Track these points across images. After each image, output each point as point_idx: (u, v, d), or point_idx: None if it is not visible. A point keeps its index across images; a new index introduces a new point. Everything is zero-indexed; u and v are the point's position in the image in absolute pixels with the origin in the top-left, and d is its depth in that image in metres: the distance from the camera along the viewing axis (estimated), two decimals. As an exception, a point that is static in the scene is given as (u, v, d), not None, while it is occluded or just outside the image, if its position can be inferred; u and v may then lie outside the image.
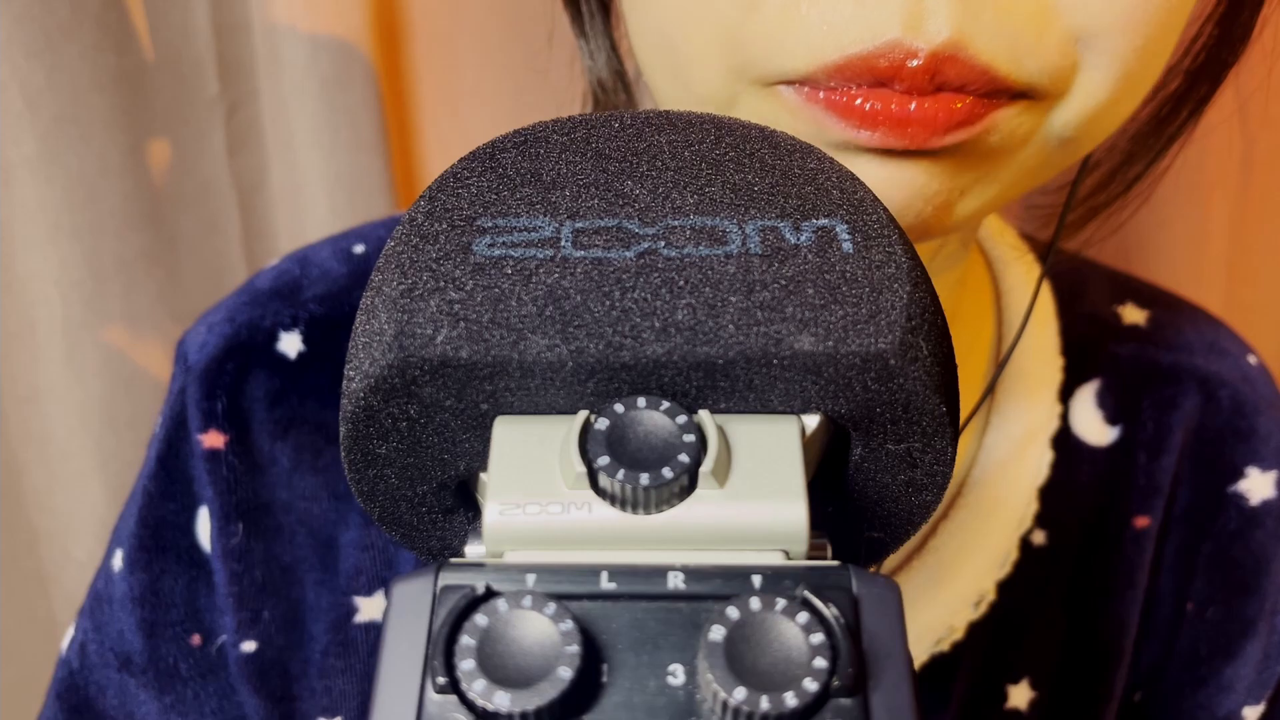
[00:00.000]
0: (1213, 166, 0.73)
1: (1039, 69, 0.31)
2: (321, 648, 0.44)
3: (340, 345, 0.44)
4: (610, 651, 0.21)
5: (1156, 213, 0.75)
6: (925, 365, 0.24)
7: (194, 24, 0.69)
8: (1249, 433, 0.49)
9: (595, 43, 0.45)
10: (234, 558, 0.43)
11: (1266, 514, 0.49)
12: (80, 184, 0.68)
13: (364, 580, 0.44)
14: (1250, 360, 0.52)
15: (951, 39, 0.29)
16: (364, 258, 0.47)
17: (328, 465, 0.44)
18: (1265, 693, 0.50)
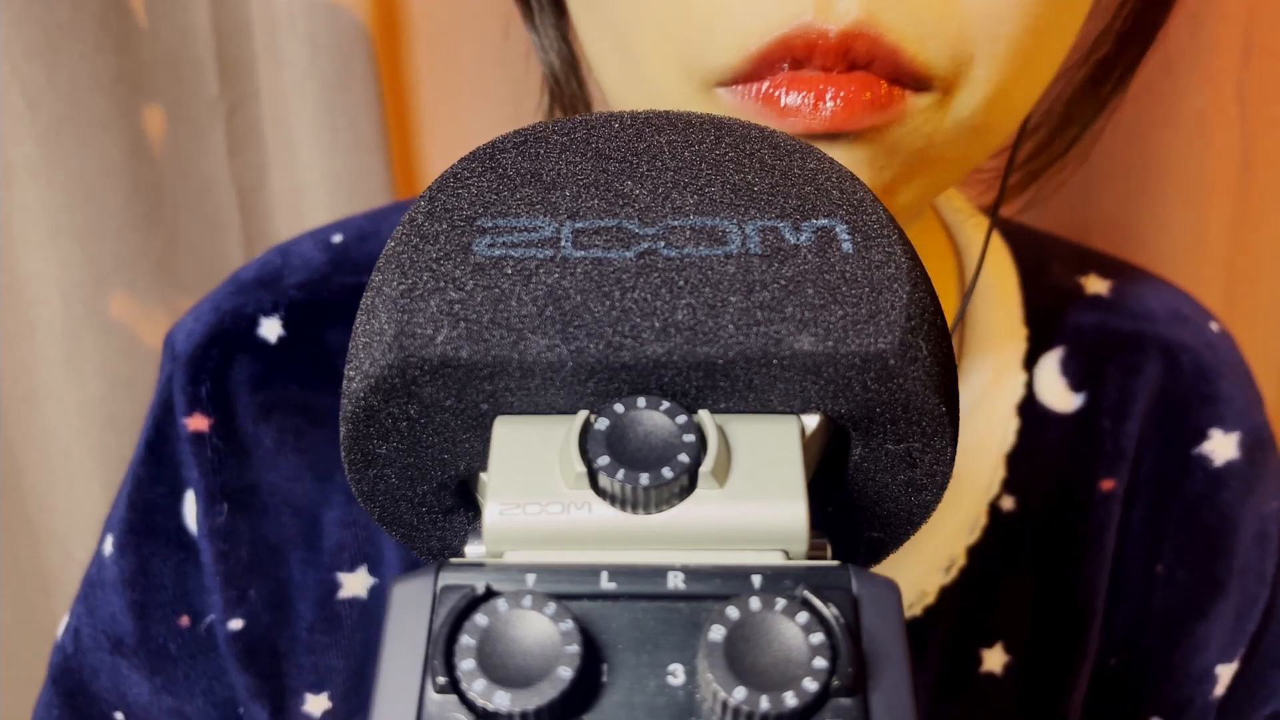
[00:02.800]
0: (1213, 167, 0.73)
1: (941, 51, 0.33)
2: (308, 624, 0.45)
3: (319, 329, 0.46)
4: (610, 651, 0.21)
5: (1157, 213, 0.75)
6: (925, 365, 0.24)
7: (194, 24, 0.69)
8: (1211, 396, 0.50)
9: (546, 35, 0.46)
10: (220, 537, 0.45)
11: (1231, 475, 0.50)
12: (80, 184, 0.68)
13: (347, 557, 0.45)
14: (1212, 327, 0.53)
15: (860, 18, 0.32)
16: (342, 246, 0.49)
17: (310, 446, 0.46)
18: (1238, 651, 0.50)
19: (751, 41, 0.33)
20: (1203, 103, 0.72)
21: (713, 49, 0.34)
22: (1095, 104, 0.47)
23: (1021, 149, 0.47)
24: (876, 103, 0.33)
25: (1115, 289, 0.52)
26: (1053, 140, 0.47)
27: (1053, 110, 0.47)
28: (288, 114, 0.70)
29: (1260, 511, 0.51)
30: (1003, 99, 0.36)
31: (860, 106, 0.33)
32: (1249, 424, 0.51)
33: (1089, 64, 0.45)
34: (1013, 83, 0.35)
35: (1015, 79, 0.35)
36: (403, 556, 0.45)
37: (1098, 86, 0.46)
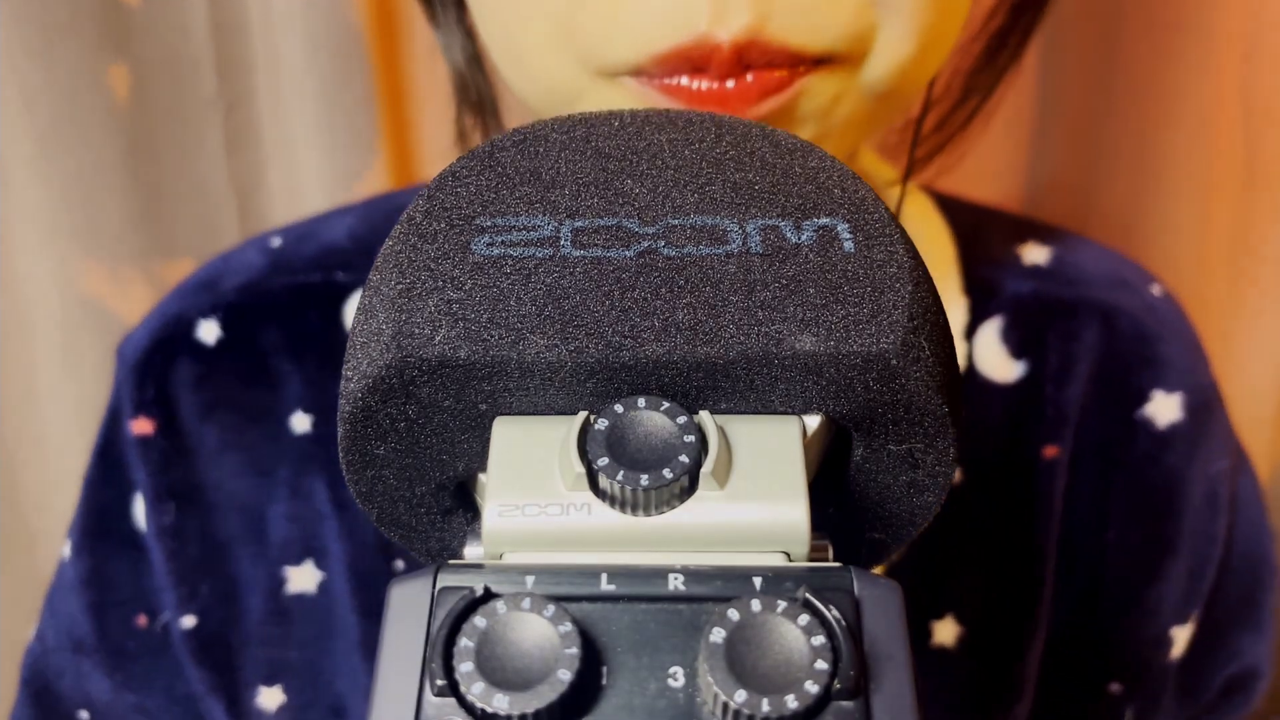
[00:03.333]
0: (1216, 166, 0.73)
1: (837, 37, 0.34)
2: (259, 618, 0.46)
3: (255, 330, 0.47)
4: (610, 654, 0.21)
5: (1159, 212, 0.75)
6: (927, 365, 0.24)
7: (192, 23, 0.69)
8: (1152, 358, 0.50)
9: (449, 31, 0.46)
10: (169, 536, 0.46)
11: (1175, 435, 0.50)
12: (78, 184, 0.68)
13: (293, 551, 0.46)
14: (1154, 290, 0.53)
15: (750, 25, 0.33)
16: (280, 249, 0.50)
17: (251, 443, 0.47)
18: (1192, 612, 0.50)
19: (646, 49, 0.34)
20: (1206, 101, 0.71)
21: (606, 51, 0.35)
22: (993, 74, 0.47)
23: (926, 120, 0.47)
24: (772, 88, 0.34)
25: (1054, 256, 0.52)
26: (955, 111, 0.48)
27: (953, 82, 0.48)
28: (285, 113, 0.70)
29: (1208, 471, 0.51)
30: (906, 66, 0.37)
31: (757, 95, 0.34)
32: (1192, 384, 0.50)
33: (985, 35, 0.46)
34: (915, 51, 0.36)
35: (917, 47, 0.36)
36: (347, 550, 0.46)
37: (994, 57, 0.47)
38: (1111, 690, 0.50)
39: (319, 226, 0.51)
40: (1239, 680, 0.53)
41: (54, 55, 0.65)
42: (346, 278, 0.48)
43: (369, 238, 0.50)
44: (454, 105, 0.49)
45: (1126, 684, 0.50)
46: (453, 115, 0.49)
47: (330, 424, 0.46)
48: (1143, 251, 0.77)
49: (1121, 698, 0.50)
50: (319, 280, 0.48)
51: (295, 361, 0.47)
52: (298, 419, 0.47)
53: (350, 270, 0.48)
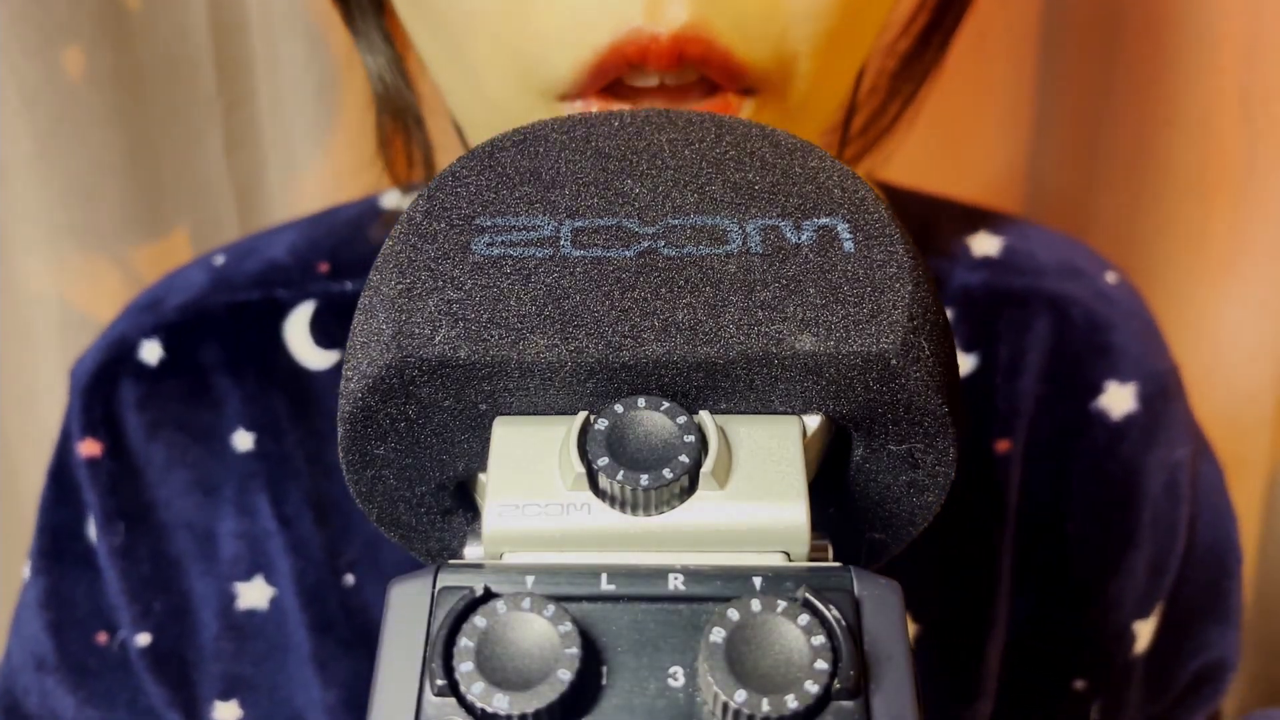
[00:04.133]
0: (1216, 167, 0.73)
1: (767, 51, 0.34)
2: (213, 634, 0.46)
3: (195, 348, 0.47)
4: (610, 653, 0.21)
5: (1159, 212, 0.75)
6: (927, 365, 0.24)
7: (191, 23, 0.69)
8: (1105, 348, 0.50)
9: (368, 36, 0.46)
10: (119, 556, 0.46)
11: (1131, 426, 0.49)
12: (78, 184, 0.68)
13: (242, 567, 0.47)
14: (1108, 278, 0.52)
15: (690, 22, 0.33)
16: (222, 267, 0.50)
17: (196, 461, 0.47)
18: (1154, 606, 0.50)
19: (585, 50, 0.34)
20: (1206, 102, 0.71)
21: (548, 59, 0.34)
22: (918, 74, 0.47)
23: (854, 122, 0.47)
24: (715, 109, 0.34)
25: (1005, 246, 0.51)
26: (882, 112, 0.48)
27: (879, 83, 0.48)
28: (285, 113, 0.70)
29: (1166, 460, 0.50)
30: (822, 89, 0.37)
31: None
32: (1146, 373, 0.50)
33: (909, 35, 0.46)
34: (831, 73, 0.37)
35: (833, 70, 0.37)
36: (294, 566, 0.46)
37: (918, 57, 0.47)
38: (1076, 687, 0.50)
39: (262, 242, 0.51)
40: (1207, 673, 0.52)
41: (54, 55, 0.65)
42: (286, 294, 0.48)
43: (309, 253, 0.50)
44: (374, 112, 0.48)
45: (1090, 680, 0.50)
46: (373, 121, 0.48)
47: (270, 441, 0.47)
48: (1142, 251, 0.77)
49: (1086, 694, 0.50)
50: (258, 298, 0.48)
51: (235, 379, 0.47)
52: (239, 437, 0.47)
53: (290, 287, 0.48)
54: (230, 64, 0.70)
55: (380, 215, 0.51)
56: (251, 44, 0.70)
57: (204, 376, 0.47)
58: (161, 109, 0.70)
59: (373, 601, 0.46)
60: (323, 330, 0.48)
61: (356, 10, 0.45)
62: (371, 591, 0.46)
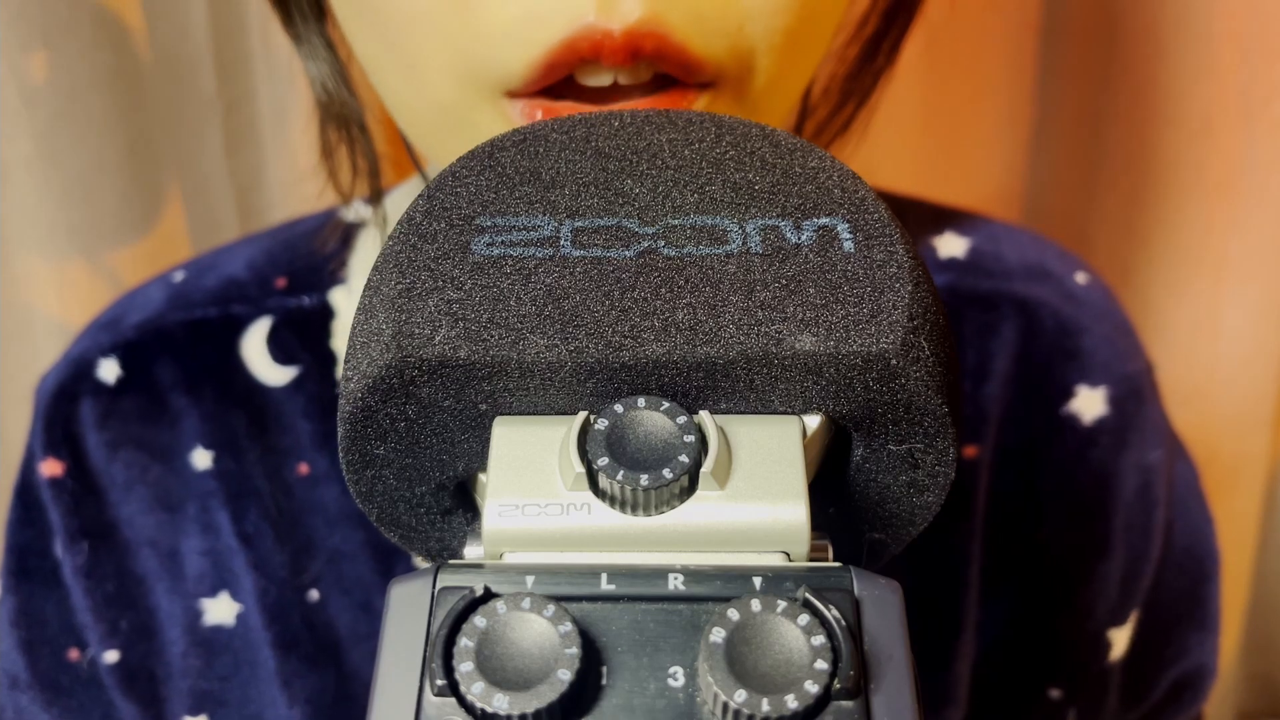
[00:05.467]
0: (1216, 166, 0.73)
1: (723, 46, 0.34)
2: (180, 650, 0.46)
3: (151, 366, 0.47)
4: (610, 653, 0.21)
5: (1159, 212, 0.75)
6: (927, 365, 0.24)
7: (191, 23, 0.69)
8: (1074, 351, 0.49)
9: (311, 44, 0.45)
10: (84, 574, 0.46)
11: (1102, 431, 0.49)
12: (78, 183, 0.68)
13: (208, 583, 0.47)
14: (1078, 278, 0.51)
15: (644, 17, 0.32)
16: (181, 283, 0.50)
17: (156, 480, 0.47)
18: (1129, 613, 0.49)
19: (536, 48, 0.33)
20: (1206, 102, 0.71)
21: (497, 57, 0.34)
22: (869, 79, 0.47)
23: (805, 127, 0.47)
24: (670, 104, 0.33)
25: (972, 248, 0.51)
26: (834, 117, 0.48)
27: (831, 87, 0.47)
28: (284, 112, 0.70)
29: (1140, 464, 0.49)
30: (779, 86, 0.36)
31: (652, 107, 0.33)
32: (1117, 376, 0.49)
33: (860, 40, 0.46)
34: (788, 70, 0.36)
35: (790, 67, 0.36)
36: (257, 583, 0.46)
37: (869, 62, 0.47)
38: (1051, 695, 0.49)
39: (221, 258, 0.51)
40: (1186, 680, 0.52)
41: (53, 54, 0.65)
42: (242, 310, 0.48)
43: (267, 268, 0.49)
44: (317, 121, 0.47)
45: (1066, 688, 0.49)
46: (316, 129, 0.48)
47: (229, 459, 0.47)
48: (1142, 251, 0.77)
49: (1062, 702, 0.49)
50: (215, 315, 0.48)
51: (192, 397, 0.47)
52: (198, 455, 0.47)
53: (246, 302, 0.48)
54: (230, 64, 0.70)
55: (341, 227, 0.50)
56: (251, 44, 0.70)
57: (161, 395, 0.47)
58: (161, 109, 0.70)
59: (337, 617, 0.46)
60: (280, 346, 0.48)
61: (297, 15, 0.45)
62: (336, 607, 0.46)
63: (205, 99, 0.71)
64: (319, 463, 0.47)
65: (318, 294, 0.48)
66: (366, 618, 0.46)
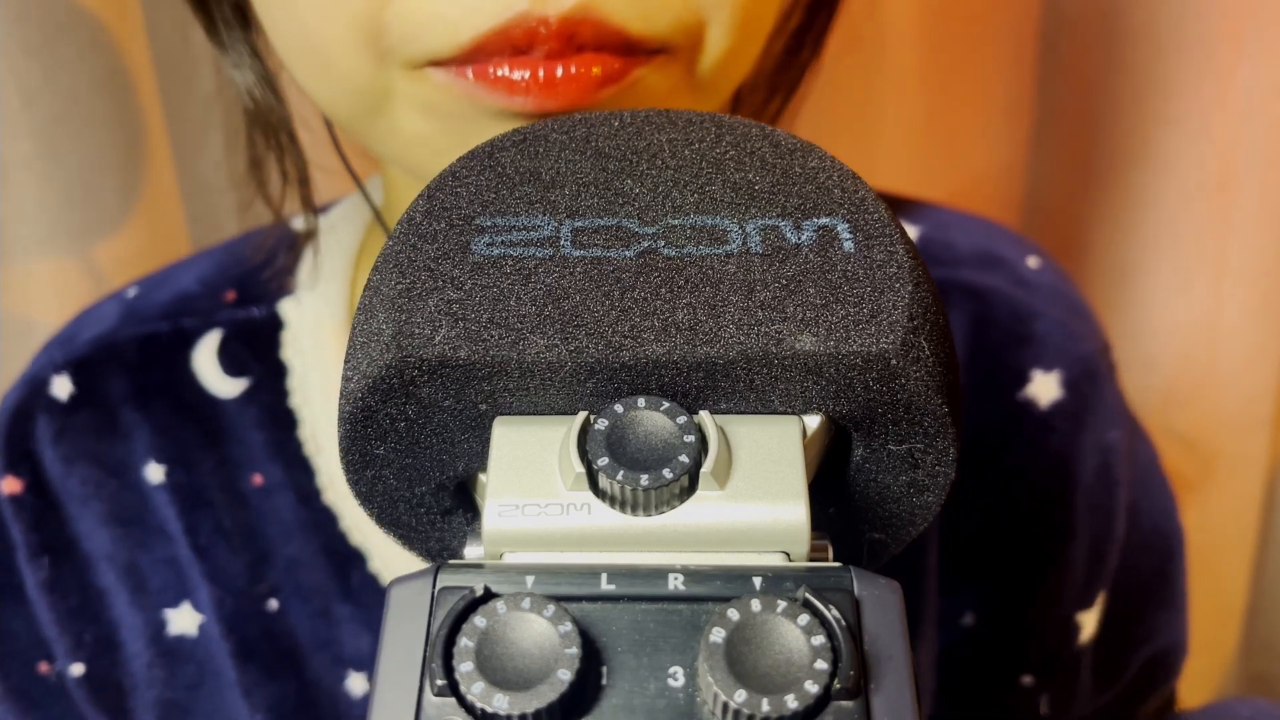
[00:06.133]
0: (1215, 166, 0.73)
1: (670, 25, 0.33)
2: (145, 662, 0.46)
3: (103, 382, 0.47)
4: (610, 653, 0.21)
5: (1159, 212, 0.75)
6: (927, 365, 0.24)
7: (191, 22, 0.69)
8: (1027, 337, 0.49)
9: (236, 52, 0.45)
10: (47, 589, 0.46)
11: (1058, 414, 0.49)
12: (77, 183, 0.68)
13: (169, 595, 0.47)
14: (1029, 263, 0.51)
15: (580, 4, 0.31)
16: (134, 299, 0.50)
17: (111, 494, 0.47)
18: (1095, 595, 0.49)
19: (463, 33, 0.32)
20: (1206, 102, 0.71)
21: (419, 41, 0.33)
22: (795, 72, 0.47)
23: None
24: (608, 77, 0.33)
25: (921, 236, 0.51)
26: (762, 111, 0.48)
27: (758, 81, 0.47)
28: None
29: (1098, 445, 0.49)
30: (730, 60, 0.36)
31: (591, 83, 0.33)
32: (1071, 358, 0.49)
33: (785, 34, 0.46)
34: (739, 43, 0.36)
35: (742, 39, 0.36)
36: (214, 595, 0.46)
37: (794, 55, 0.46)
38: (1023, 682, 0.49)
39: (173, 273, 0.51)
40: (1158, 659, 0.52)
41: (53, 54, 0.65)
42: (193, 323, 0.48)
43: (217, 281, 0.50)
44: (244, 131, 0.47)
45: (1037, 674, 0.49)
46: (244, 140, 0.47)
47: (181, 472, 0.47)
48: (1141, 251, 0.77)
49: (1034, 688, 0.49)
50: (166, 329, 0.48)
51: (143, 412, 0.47)
52: (151, 469, 0.47)
53: (197, 315, 0.48)
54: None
55: (294, 238, 0.50)
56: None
57: (112, 410, 0.47)
58: (161, 109, 0.70)
59: (297, 625, 0.46)
60: (230, 358, 0.48)
61: (221, 23, 0.44)
62: (296, 616, 0.46)
63: (205, 99, 0.71)
64: (272, 473, 0.47)
65: (266, 305, 0.49)
66: (325, 625, 0.46)
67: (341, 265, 0.49)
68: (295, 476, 0.47)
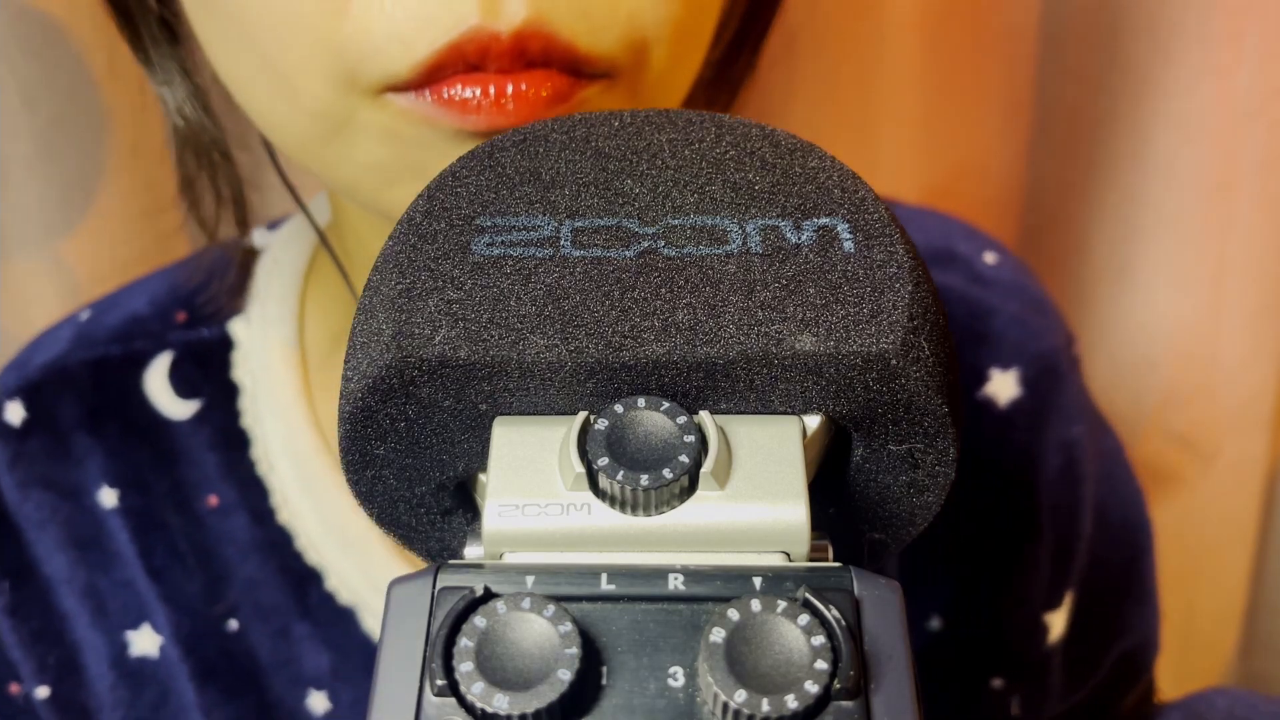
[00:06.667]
0: (1215, 165, 0.73)
1: (615, 42, 0.33)
2: (108, 684, 0.46)
3: (54, 407, 0.47)
4: (610, 654, 0.21)
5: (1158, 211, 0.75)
6: (927, 365, 0.24)
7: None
8: (984, 335, 0.49)
9: (167, 72, 0.44)
10: (9, 613, 0.46)
11: (1018, 412, 0.48)
12: (77, 183, 0.68)
13: (130, 617, 0.47)
14: (986, 258, 0.51)
15: (530, 18, 0.32)
16: (86, 322, 0.50)
17: (67, 519, 0.47)
18: (1063, 595, 0.49)
19: (419, 50, 0.32)
20: (1206, 102, 0.71)
21: (378, 62, 0.33)
22: (730, 84, 0.47)
23: None
24: (556, 96, 0.33)
25: None
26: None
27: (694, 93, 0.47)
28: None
29: (1061, 441, 0.49)
30: (672, 79, 0.36)
31: (540, 103, 0.33)
32: (1029, 355, 0.49)
33: (720, 46, 0.46)
34: (680, 60, 0.36)
35: (682, 57, 0.36)
36: (171, 617, 0.46)
37: (729, 67, 0.46)
38: (993, 685, 0.49)
39: (124, 295, 0.51)
40: (1130, 655, 0.51)
41: (53, 54, 0.65)
42: (144, 345, 0.48)
43: (168, 302, 0.49)
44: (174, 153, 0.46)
45: (1007, 677, 0.49)
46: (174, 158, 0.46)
47: (135, 495, 0.47)
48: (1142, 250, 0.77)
49: (1004, 691, 0.49)
50: (117, 352, 0.48)
51: (96, 437, 0.47)
52: (105, 494, 0.47)
53: (148, 337, 0.48)
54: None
55: (246, 254, 0.50)
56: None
57: (64, 435, 0.47)
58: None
59: (257, 644, 0.46)
60: (182, 379, 0.48)
61: (149, 41, 0.43)
62: (256, 635, 0.46)
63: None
64: (227, 494, 0.47)
65: (217, 325, 0.49)
66: (285, 644, 0.46)
67: (289, 285, 0.49)
68: (249, 497, 0.47)
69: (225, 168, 0.46)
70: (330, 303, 0.49)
